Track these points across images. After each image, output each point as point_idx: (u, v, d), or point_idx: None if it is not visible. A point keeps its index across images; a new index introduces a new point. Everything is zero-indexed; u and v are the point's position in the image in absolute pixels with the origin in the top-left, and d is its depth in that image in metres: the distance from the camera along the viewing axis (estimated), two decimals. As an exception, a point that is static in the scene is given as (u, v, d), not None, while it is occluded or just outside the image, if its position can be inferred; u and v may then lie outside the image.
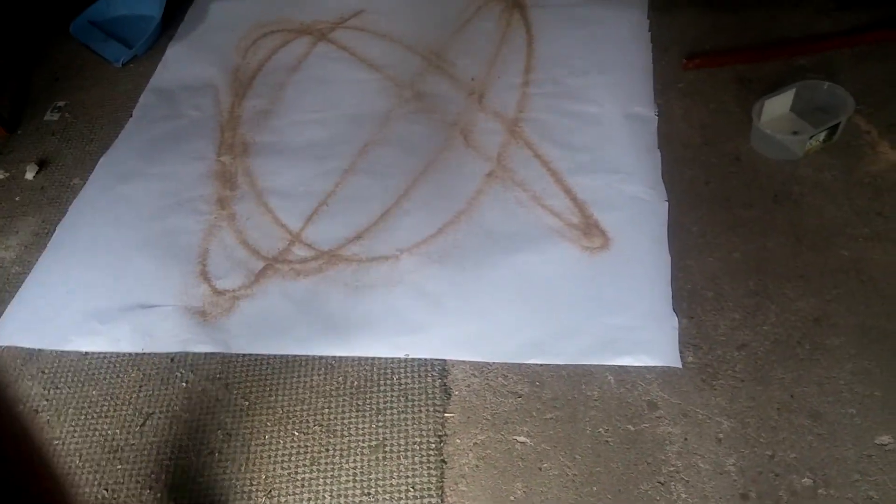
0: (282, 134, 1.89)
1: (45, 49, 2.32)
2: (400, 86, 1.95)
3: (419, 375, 1.40)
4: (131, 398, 1.44)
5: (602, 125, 1.76)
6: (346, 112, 1.91)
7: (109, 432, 1.39)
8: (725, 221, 1.56)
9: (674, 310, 1.41)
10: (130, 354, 1.50)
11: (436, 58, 2.02)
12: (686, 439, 1.26)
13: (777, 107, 1.70)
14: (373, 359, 1.43)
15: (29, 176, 1.91)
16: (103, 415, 1.42)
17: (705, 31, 1.98)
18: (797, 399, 1.29)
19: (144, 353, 1.50)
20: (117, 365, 1.49)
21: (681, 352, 1.36)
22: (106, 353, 1.51)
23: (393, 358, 1.43)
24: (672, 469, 1.23)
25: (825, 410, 1.27)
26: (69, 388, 1.47)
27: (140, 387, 1.45)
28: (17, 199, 1.87)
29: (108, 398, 1.45)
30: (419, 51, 2.05)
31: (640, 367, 1.35)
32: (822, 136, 1.61)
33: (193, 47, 2.20)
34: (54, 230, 1.76)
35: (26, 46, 2.34)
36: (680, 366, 1.34)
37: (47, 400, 1.46)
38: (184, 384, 1.44)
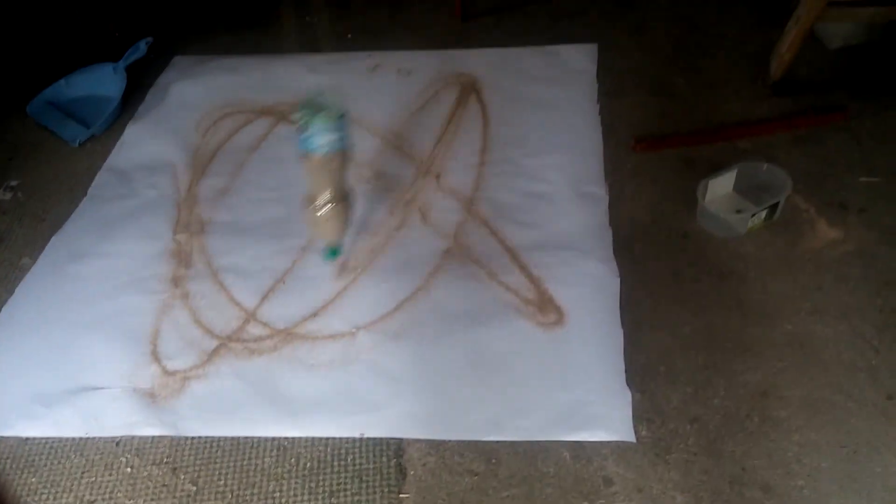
0: (239, 212, 1.90)
1: None
2: (359, 165, 1.98)
3: (374, 455, 1.38)
4: (72, 485, 1.38)
5: (555, 203, 1.81)
6: (304, 191, 1.92)
7: (48, 522, 1.33)
8: (675, 296, 1.59)
9: (627, 384, 1.43)
10: (73, 439, 1.45)
11: (394, 138, 2.07)
12: (642, 516, 1.25)
13: (720, 187, 1.77)
14: (327, 439, 1.41)
15: (-23, 255, 1.88)
16: (43, 503, 1.36)
17: (652, 115, 2.08)
18: (748, 472, 1.29)
19: (89, 438, 1.45)
20: (59, 451, 1.44)
21: (635, 426, 1.37)
22: (48, 437, 1.46)
23: (347, 438, 1.41)
24: (629, 547, 1.22)
25: (775, 483, 1.28)
26: (7, 475, 1.41)
27: (82, 473, 1.40)
28: (-37, 278, 1.83)
29: (48, 485, 1.38)
30: (378, 132, 2.10)
31: (596, 441, 1.35)
32: (763, 214, 1.68)
33: (153, 127, 2.22)
34: None
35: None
36: (634, 440, 1.35)
37: (-17, 488, 1.39)
38: (128, 469, 1.39)
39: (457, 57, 2.38)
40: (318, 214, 1.57)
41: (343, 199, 1.58)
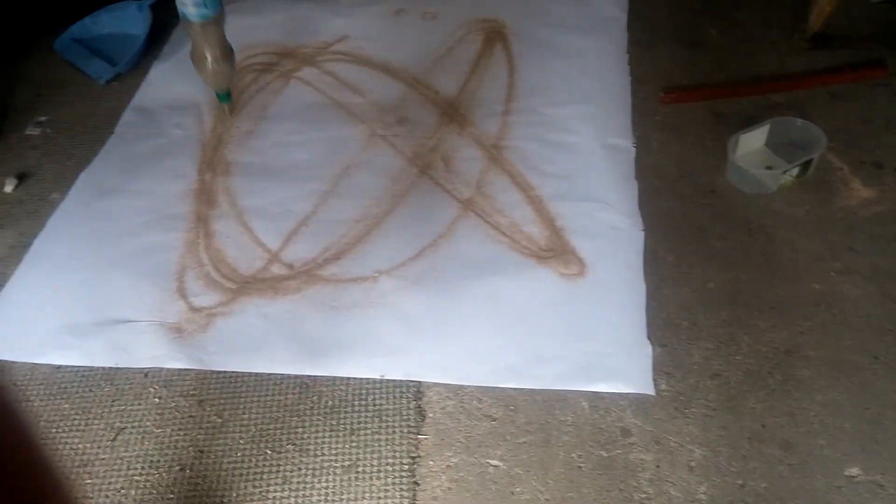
0: (263, 154, 1.90)
1: (27, 65, 2.31)
2: (382, 110, 1.97)
3: (394, 397, 1.40)
4: (103, 413, 1.42)
5: (580, 154, 1.79)
6: (329, 135, 1.92)
7: (80, 446, 1.37)
8: (700, 252, 1.58)
9: (648, 338, 1.43)
10: (104, 369, 1.48)
11: (418, 84, 2.05)
12: (658, 467, 1.27)
13: (751, 142, 1.74)
14: (348, 379, 1.43)
15: (7, 189, 1.90)
16: (74, 429, 1.40)
17: (682, 67, 2.03)
18: (768, 429, 1.30)
19: (118, 368, 1.48)
20: (90, 379, 1.47)
21: (654, 380, 1.37)
22: (79, 367, 1.49)
23: (368, 379, 1.43)
24: (644, 496, 1.23)
25: (796, 441, 1.28)
26: (41, 401, 1.45)
27: (112, 402, 1.43)
28: (-6, 212, 1.86)
29: (80, 412, 1.42)
30: (402, 77, 2.08)
31: (614, 393, 1.36)
32: (795, 171, 1.65)
33: (178, 67, 2.21)
34: (31, 243, 1.74)
35: (8, 62, 2.33)
36: (653, 393, 1.36)
37: (16, 414, 1.43)
38: (157, 400, 1.43)
39: (483, 2, 2.32)
40: (208, 70, 1.86)
41: (224, 55, 1.86)
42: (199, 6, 1.73)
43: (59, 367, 1.50)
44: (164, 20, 2.37)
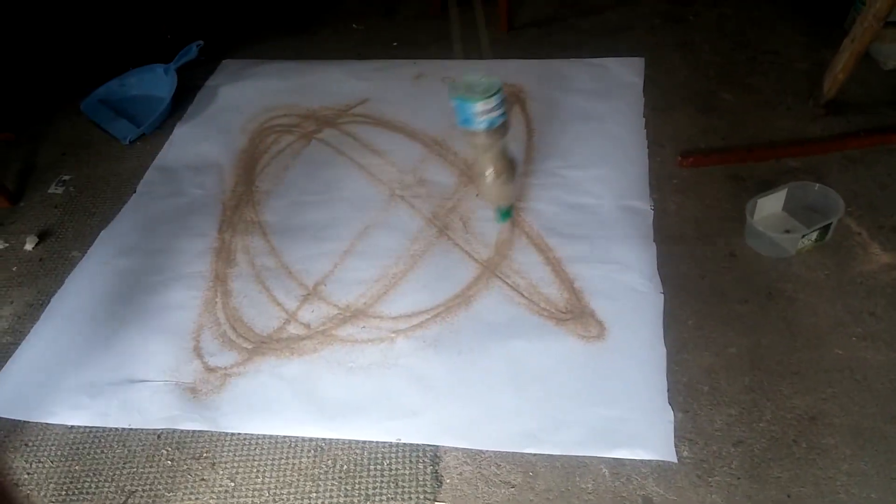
0: (283, 214, 1.92)
1: (54, 125, 2.37)
2: (402, 171, 2.00)
3: (410, 462, 1.37)
4: (114, 475, 1.40)
5: (599, 216, 1.80)
6: (348, 195, 1.94)
7: (89, 511, 1.35)
8: (721, 316, 1.57)
9: (669, 403, 1.40)
10: (117, 430, 1.47)
11: (437, 146, 2.08)
12: (682, 538, 1.23)
13: (770, 206, 1.74)
14: (363, 442, 1.41)
15: (28, 247, 1.92)
16: (85, 491, 1.38)
17: (699, 131, 2.05)
18: (794, 499, 1.26)
19: (131, 429, 1.47)
20: (103, 440, 1.46)
21: (676, 446, 1.34)
22: (92, 427, 1.48)
23: (384, 442, 1.40)
24: (668, 569, 1.19)
25: (823, 512, 1.24)
26: (52, 462, 1.43)
27: (124, 463, 1.42)
28: (14, 269, 1.87)
29: (91, 474, 1.41)
30: (421, 138, 2.11)
31: (635, 460, 1.33)
32: (814, 235, 1.64)
33: (201, 128, 2.26)
34: (49, 301, 1.75)
35: (36, 122, 2.39)
36: (675, 460, 1.32)
37: (29, 473, 1.42)
38: (169, 462, 1.41)
39: (502, 67, 2.38)
40: (488, 184, 1.69)
41: (507, 168, 1.68)
42: (489, 111, 1.53)
43: (72, 427, 1.49)
44: (189, 83, 2.43)
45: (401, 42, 2.61)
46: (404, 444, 1.40)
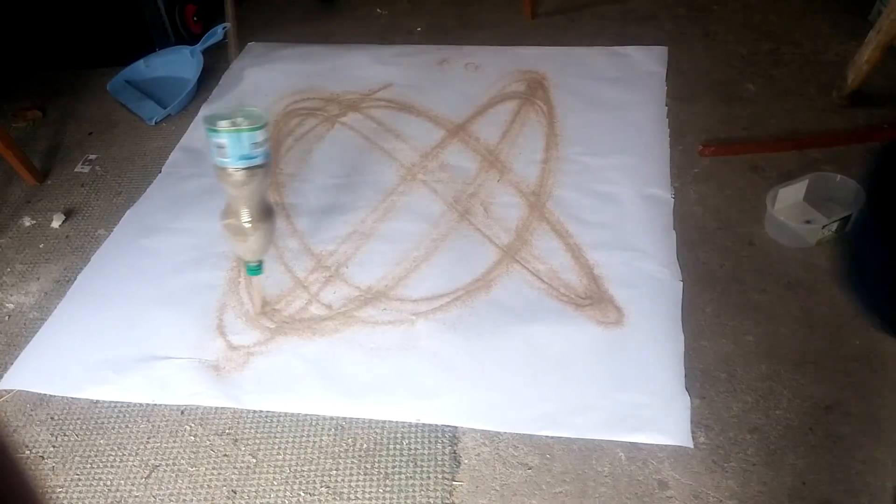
0: (305, 196, 1.94)
1: (81, 104, 2.41)
2: (424, 156, 2.01)
3: (429, 442, 1.39)
4: (138, 449, 1.43)
5: (620, 204, 1.81)
6: (370, 178, 1.96)
7: (114, 483, 1.38)
8: (739, 304, 1.57)
9: (686, 389, 1.41)
10: (141, 405, 1.50)
11: (460, 131, 2.09)
12: (697, 522, 1.24)
13: (790, 196, 1.74)
14: (383, 422, 1.43)
15: (55, 224, 1.96)
16: (109, 464, 1.41)
17: (721, 121, 2.05)
18: (809, 486, 1.27)
19: (155, 405, 1.50)
20: (127, 415, 1.49)
21: (692, 432, 1.35)
22: (116, 402, 1.52)
23: (403, 422, 1.43)
24: (682, 552, 1.21)
25: (837, 500, 1.25)
26: (77, 435, 1.47)
27: (148, 438, 1.45)
28: (41, 246, 1.91)
29: (115, 448, 1.44)
30: (443, 124, 2.12)
31: (652, 444, 1.35)
32: (834, 226, 1.64)
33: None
34: (75, 278, 1.78)
35: (62, 101, 2.43)
36: (691, 446, 1.34)
37: (54, 447, 1.45)
38: (192, 437, 1.44)
39: (525, 54, 2.38)
40: (239, 232, 1.49)
41: (264, 217, 1.48)
42: (250, 147, 1.36)
43: (97, 401, 1.52)
44: (215, 65, 2.46)
45: (424, 27, 2.62)
46: (423, 424, 1.42)
